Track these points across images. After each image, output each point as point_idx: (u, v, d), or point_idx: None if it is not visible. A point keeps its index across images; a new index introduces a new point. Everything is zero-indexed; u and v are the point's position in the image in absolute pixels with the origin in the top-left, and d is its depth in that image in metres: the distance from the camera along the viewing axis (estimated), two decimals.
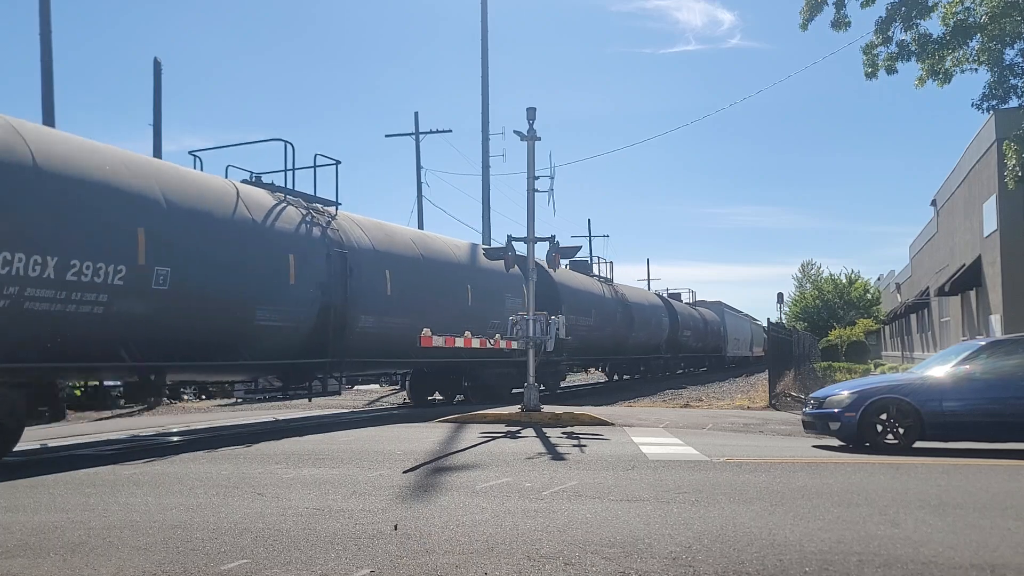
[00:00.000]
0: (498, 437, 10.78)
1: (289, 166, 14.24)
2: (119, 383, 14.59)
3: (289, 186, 14.18)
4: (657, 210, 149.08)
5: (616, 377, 33.32)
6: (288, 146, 14.16)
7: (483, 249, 18.08)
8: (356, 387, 27.73)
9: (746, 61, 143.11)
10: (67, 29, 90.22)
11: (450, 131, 34.12)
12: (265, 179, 14.08)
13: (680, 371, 39.73)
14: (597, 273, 27.65)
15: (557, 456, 8.88)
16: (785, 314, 61.83)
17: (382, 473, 7.60)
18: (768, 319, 26.45)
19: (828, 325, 60.44)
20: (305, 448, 9.62)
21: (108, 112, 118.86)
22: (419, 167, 33.98)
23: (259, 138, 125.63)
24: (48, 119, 19.57)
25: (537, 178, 14.34)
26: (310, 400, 17.39)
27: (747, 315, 63.89)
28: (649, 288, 51.09)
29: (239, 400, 22.34)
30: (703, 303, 48.13)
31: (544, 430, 11.65)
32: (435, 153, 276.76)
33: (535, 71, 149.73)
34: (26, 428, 9.63)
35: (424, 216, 33.90)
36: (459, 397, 19.77)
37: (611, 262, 17.18)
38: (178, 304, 10.53)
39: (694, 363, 44.08)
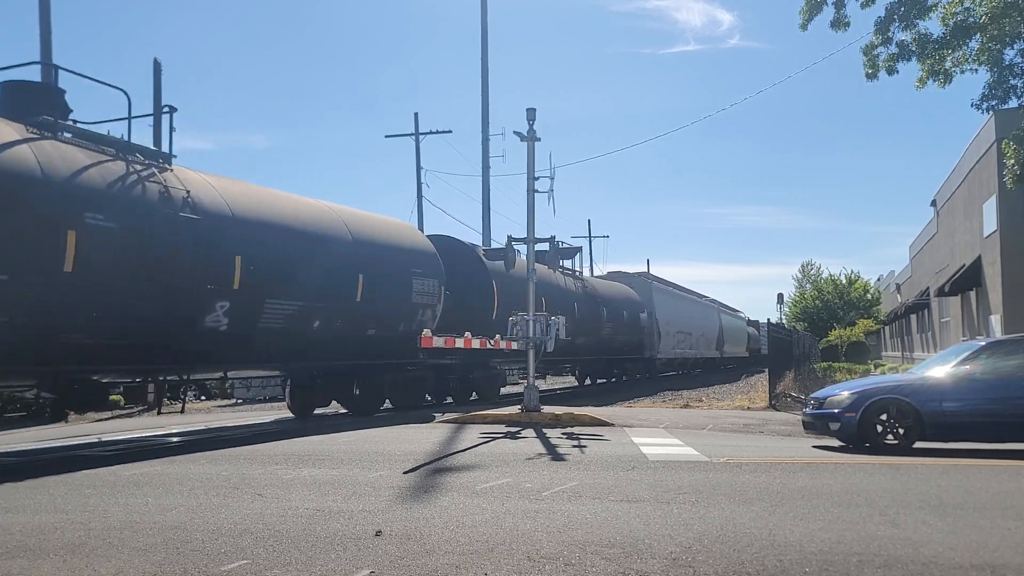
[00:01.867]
0: (498, 437, 10.78)
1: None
2: (119, 383, 14.58)
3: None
4: (657, 210, 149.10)
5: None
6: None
7: (484, 250, 18.08)
8: None
9: (746, 61, 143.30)
10: (67, 29, 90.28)
11: (450, 131, 34.24)
12: None
13: (511, 384, 22.10)
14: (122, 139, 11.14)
15: (557, 457, 8.88)
16: (785, 315, 61.71)
17: (382, 474, 7.61)
18: (768, 319, 26.46)
19: (828, 326, 60.37)
20: (305, 449, 9.62)
21: (107, 112, 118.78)
22: (419, 167, 34.05)
23: (259, 139, 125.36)
24: None
25: (537, 179, 14.35)
26: None
27: (712, 300, 49.55)
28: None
29: (239, 401, 22.35)
30: (619, 275, 33.85)
31: (544, 431, 11.66)
32: (435, 153, 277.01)
33: (535, 71, 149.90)
34: (27, 428, 9.62)
35: (424, 216, 33.94)
36: None
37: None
38: None
39: (590, 370, 28.91)
